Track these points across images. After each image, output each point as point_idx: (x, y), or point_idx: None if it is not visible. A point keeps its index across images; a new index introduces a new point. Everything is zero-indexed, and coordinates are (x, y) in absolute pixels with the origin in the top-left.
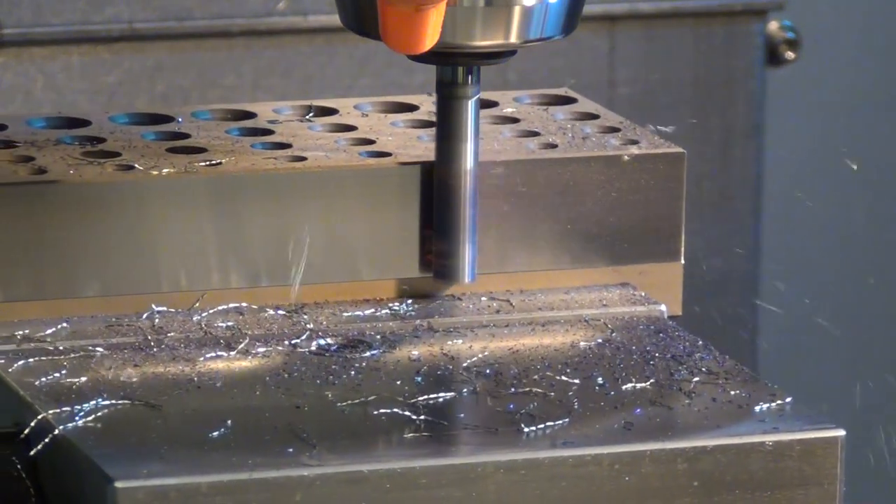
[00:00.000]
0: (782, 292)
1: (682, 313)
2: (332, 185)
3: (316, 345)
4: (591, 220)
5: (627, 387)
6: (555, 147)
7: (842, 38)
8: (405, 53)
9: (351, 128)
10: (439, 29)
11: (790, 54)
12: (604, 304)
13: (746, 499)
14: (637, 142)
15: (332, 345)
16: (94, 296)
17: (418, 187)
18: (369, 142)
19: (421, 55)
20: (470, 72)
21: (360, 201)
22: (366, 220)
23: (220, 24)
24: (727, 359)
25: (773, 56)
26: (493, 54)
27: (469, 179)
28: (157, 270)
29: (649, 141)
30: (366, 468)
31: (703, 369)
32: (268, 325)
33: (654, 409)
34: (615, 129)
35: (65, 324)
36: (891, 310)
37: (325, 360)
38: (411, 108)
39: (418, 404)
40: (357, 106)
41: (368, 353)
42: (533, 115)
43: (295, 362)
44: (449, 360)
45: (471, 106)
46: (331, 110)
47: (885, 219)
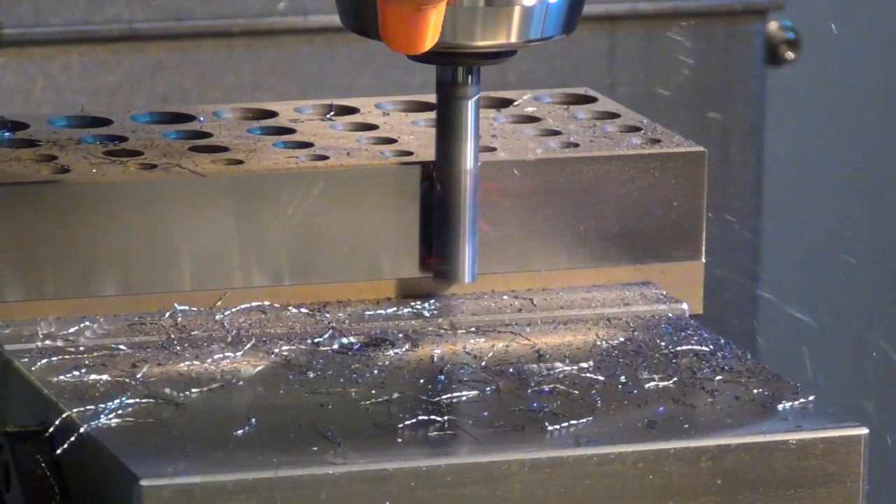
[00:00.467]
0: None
1: (703, 312)
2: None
3: (339, 343)
4: (612, 219)
5: (650, 385)
6: (576, 146)
7: (842, 38)
8: (405, 53)
9: (372, 126)
10: (439, 29)
11: (790, 54)
12: (625, 303)
13: (770, 497)
14: (658, 141)
15: (355, 343)
16: (117, 295)
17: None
18: (391, 141)
19: (421, 55)
20: (470, 72)
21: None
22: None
23: (220, 24)
24: (749, 357)
25: (773, 56)
26: (493, 54)
27: (469, 179)
28: (179, 269)
29: (671, 140)
30: (391, 466)
31: (725, 368)
32: (290, 323)
33: (677, 407)
34: (636, 129)
35: (87, 322)
36: (891, 309)
37: (348, 358)
38: (433, 107)
39: (442, 403)
40: (378, 105)
41: (391, 352)
42: (554, 115)
43: (318, 361)
44: (472, 358)
45: (471, 106)
46: (352, 109)
47: (885, 218)
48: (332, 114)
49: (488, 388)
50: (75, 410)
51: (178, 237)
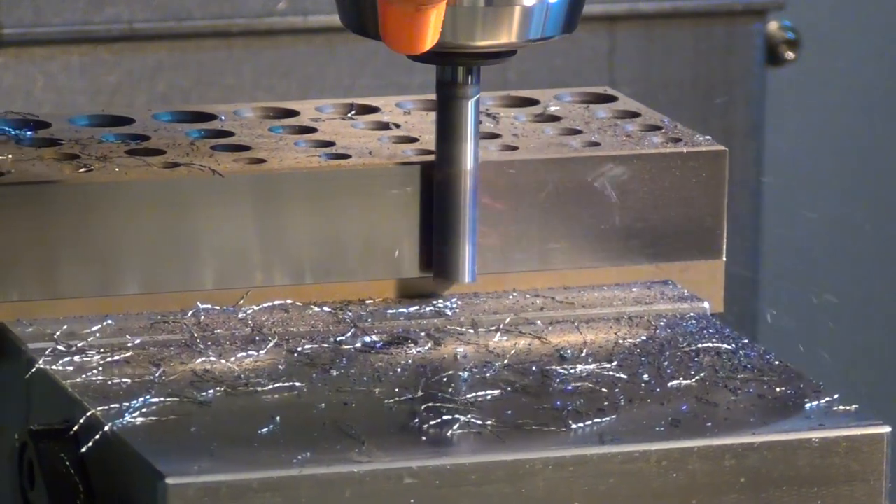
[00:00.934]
0: (782, 292)
1: (723, 310)
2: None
3: (361, 342)
4: (633, 218)
5: (673, 383)
6: (597, 145)
7: (842, 38)
8: (405, 53)
9: (394, 125)
10: (439, 29)
11: (790, 54)
12: (647, 302)
13: (793, 495)
14: (679, 139)
15: (378, 342)
16: (139, 293)
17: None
18: (412, 140)
19: (421, 55)
20: (470, 72)
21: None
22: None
23: (220, 24)
24: (772, 356)
25: (773, 56)
26: (493, 54)
27: (469, 179)
28: (201, 268)
29: (691, 139)
30: (415, 464)
31: (747, 366)
32: (313, 322)
33: (700, 405)
34: (657, 127)
35: (110, 321)
36: (892, 309)
37: (371, 357)
38: None
39: (465, 401)
40: (399, 104)
41: (414, 351)
42: (574, 114)
43: (341, 359)
44: (495, 357)
45: (471, 106)
46: (372, 108)
47: (886, 218)
48: (353, 112)
49: (511, 387)
50: (99, 409)
51: (201, 236)
